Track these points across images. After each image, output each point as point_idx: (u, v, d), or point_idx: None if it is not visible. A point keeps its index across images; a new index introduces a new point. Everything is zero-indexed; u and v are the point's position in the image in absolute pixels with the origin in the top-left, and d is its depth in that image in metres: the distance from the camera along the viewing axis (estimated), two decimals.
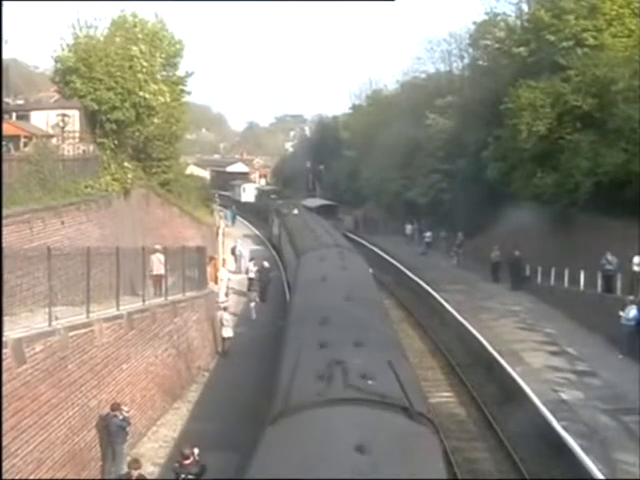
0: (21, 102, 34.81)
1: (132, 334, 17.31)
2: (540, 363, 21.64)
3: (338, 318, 12.68)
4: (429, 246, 45.58)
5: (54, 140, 26.11)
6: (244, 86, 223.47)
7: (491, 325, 26.31)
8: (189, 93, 38.85)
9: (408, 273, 37.83)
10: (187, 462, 13.15)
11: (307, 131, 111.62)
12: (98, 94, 27.19)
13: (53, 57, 29.29)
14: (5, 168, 18.72)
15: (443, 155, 46.22)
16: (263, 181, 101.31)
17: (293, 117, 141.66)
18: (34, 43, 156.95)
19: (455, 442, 17.23)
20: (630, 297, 22.25)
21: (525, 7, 39.72)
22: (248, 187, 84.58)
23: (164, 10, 67.57)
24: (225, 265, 37.02)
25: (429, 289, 33.00)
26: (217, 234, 39.68)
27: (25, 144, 24.73)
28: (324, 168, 75.29)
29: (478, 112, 39.00)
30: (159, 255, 21.32)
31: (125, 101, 27.59)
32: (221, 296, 29.25)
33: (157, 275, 21.08)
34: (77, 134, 27.11)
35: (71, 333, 14.18)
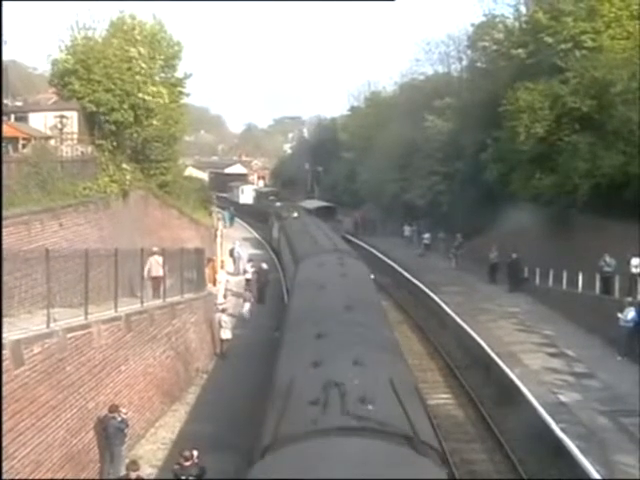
0: (20, 104, 34.90)
1: (130, 336, 17.30)
2: (538, 365, 21.63)
3: (336, 331, 12.03)
4: (427, 248, 45.51)
5: (52, 142, 26.13)
6: (242, 88, 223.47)
7: (489, 327, 26.30)
8: (187, 95, 38.90)
9: (406, 275, 37.82)
10: (187, 464, 13.14)
11: (305, 133, 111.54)
12: (96, 96, 27.22)
13: (50, 60, 29.38)
14: (3, 170, 18.69)
15: (441, 157, 46.25)
16: (261, 183, 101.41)
17: (291, 119, 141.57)
18: (33, 44, 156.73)
19: (454, 444, 17.23)
20: (628, 299, 22.27)
21: (523, 9, 39.78)
22: (246, 189, 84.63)
23: (163, 12, 67.95)
24: (224, 267, 37.00)
25: (427, 291, 32.99)
26: (215, 236, 39.63)
27: (24, 146, 24.76)
28: (322, 170, 75.25)
29: (476, 114, 39.00)
30: (157, 257, 21.28)
31: (123, 103, 27.63)
32: (219, 298, 29.26)
33: (155, 277, 21.03)
34: (75, 136, 27.14)
35: (69, 335, 14.17)
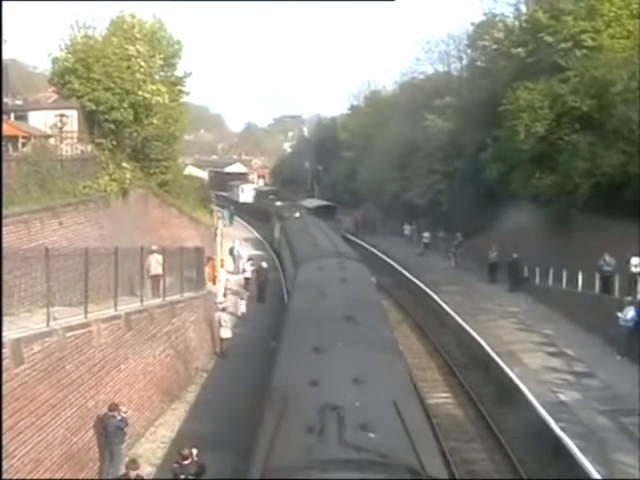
0: (20, 102, 34.86)
1: (130, 335, 17.31)
2: (538, 364, 21.63)
3: (335, 345, 11.23)
4: (427, 247, 45.51)
5: (52, 140, 26.11)
6: (242, 87, 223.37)
7: (489, 326, 26.29)
8: (187, 93, 38.92)
9: (406, 274, 37.81)
10: (186, 462, 13.17)
11: (305, 132, 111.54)
12: (96, 94, 27.22)
13: (50, 58, 29.36)
14: (3, 168, 18.70)
15: (441, 156, 46.25)
16: (261, 182, 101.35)
17: (291, 118, 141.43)
18: (33, 43, 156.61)
19: (453, 443, 17.26)
20: (628, 298, 22.25)
21: (523, 8, 39.71)
22: (246, 188, 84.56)
23: (163, 11, 67.96)
24: (223, 266, 37.00)
25: (427, 290, 32.99)
26: (215, 235, 39.62)
27: (23, 144, 24.72)
28: (322, 169, 75.25)
29: (476, 113, 38.99)
30: (157, 256, 21.29)
31: (123, 101, 27.62)
32: (219, 297, 29.26)
33: (155, 276, 21.05)
34: (75, 134, 27.13)
35: (69, 333, 14.18)
